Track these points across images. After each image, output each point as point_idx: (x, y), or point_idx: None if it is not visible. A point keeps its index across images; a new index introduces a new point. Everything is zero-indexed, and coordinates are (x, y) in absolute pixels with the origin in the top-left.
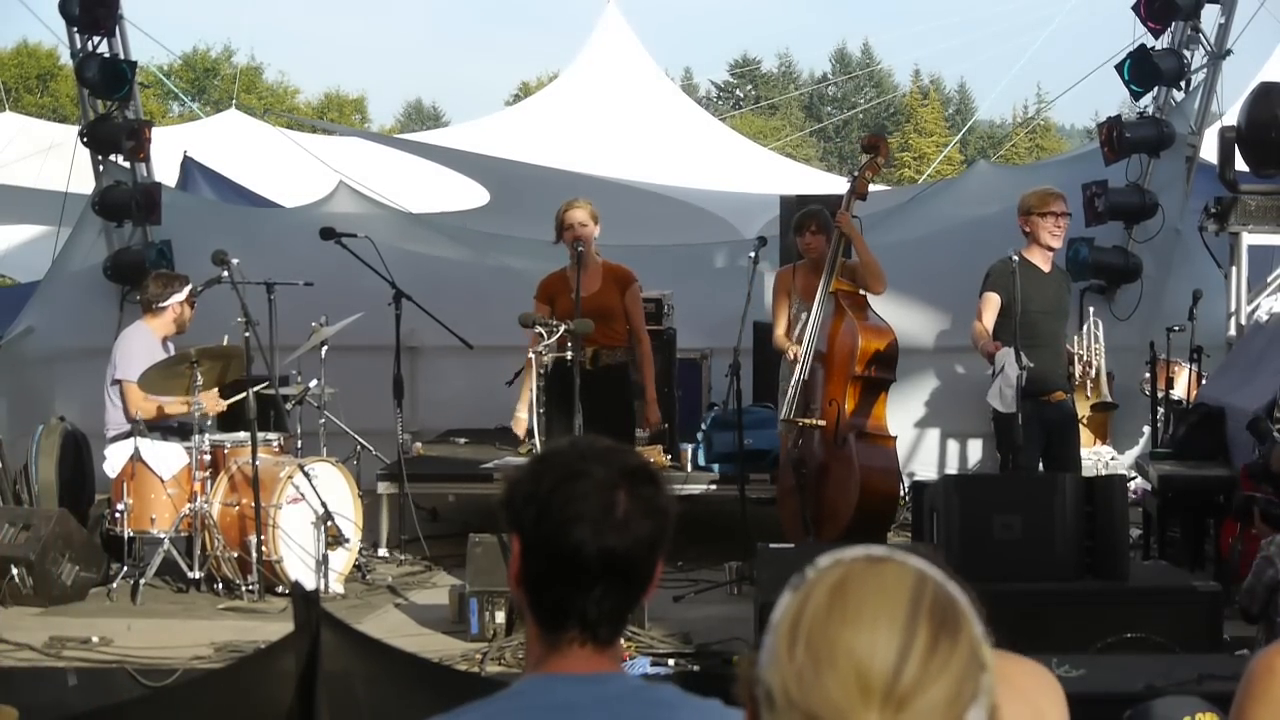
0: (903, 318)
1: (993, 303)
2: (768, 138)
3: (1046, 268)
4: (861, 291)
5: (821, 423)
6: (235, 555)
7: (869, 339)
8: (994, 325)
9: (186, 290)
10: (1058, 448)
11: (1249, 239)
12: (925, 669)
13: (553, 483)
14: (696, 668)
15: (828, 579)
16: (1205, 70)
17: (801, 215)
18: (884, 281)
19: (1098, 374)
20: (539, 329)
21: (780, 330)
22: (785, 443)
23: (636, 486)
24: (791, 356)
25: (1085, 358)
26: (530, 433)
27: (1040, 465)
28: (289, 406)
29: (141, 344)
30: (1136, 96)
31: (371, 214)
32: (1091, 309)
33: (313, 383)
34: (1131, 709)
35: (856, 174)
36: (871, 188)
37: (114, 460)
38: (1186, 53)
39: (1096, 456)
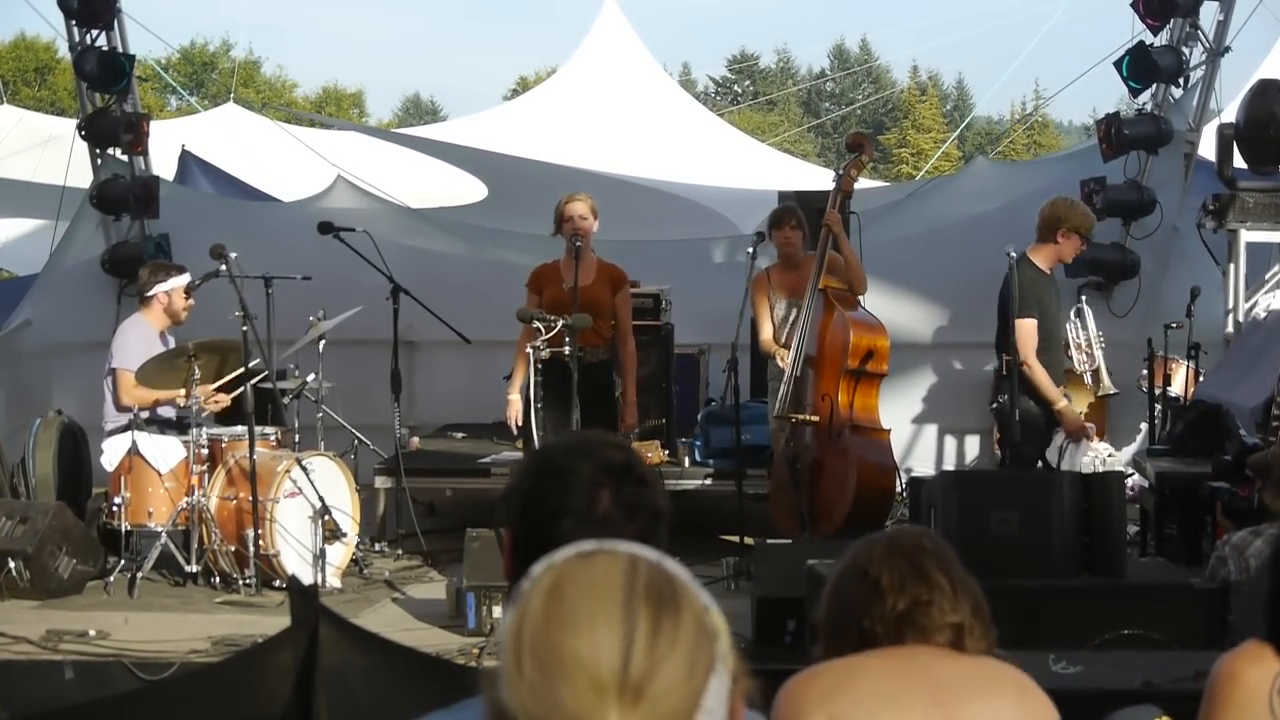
0: (900, 314)
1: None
2: (766, 133)
3: (1049, 270)
4: (850, 289)
5: (815, 418)
6: (232, 549)
7: (860, 334)
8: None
9: (174, 280)
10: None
11: (1247, 236)
12: (652, 654)
13: (537, 478)
14: None
15: (541, 586)
16: (1204, 67)
17: (780, 210)
18: (866, 283)
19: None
20: (536, 324)
21: (765, 334)
22: (778, 440)
23: (622, 485)
24: (780, 362)
25: (1085, 348)
26: (524, 428)
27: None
28: (286, 401)
29: (139, 335)
30: (1135, 93)
31: (369, 209)
32: (1084, 297)
33: (310, 377)
34: None
35: (841, 173)
36: (870, 184)
37: (111, 454)
38: (1185, 49)
39: (1094, 453)
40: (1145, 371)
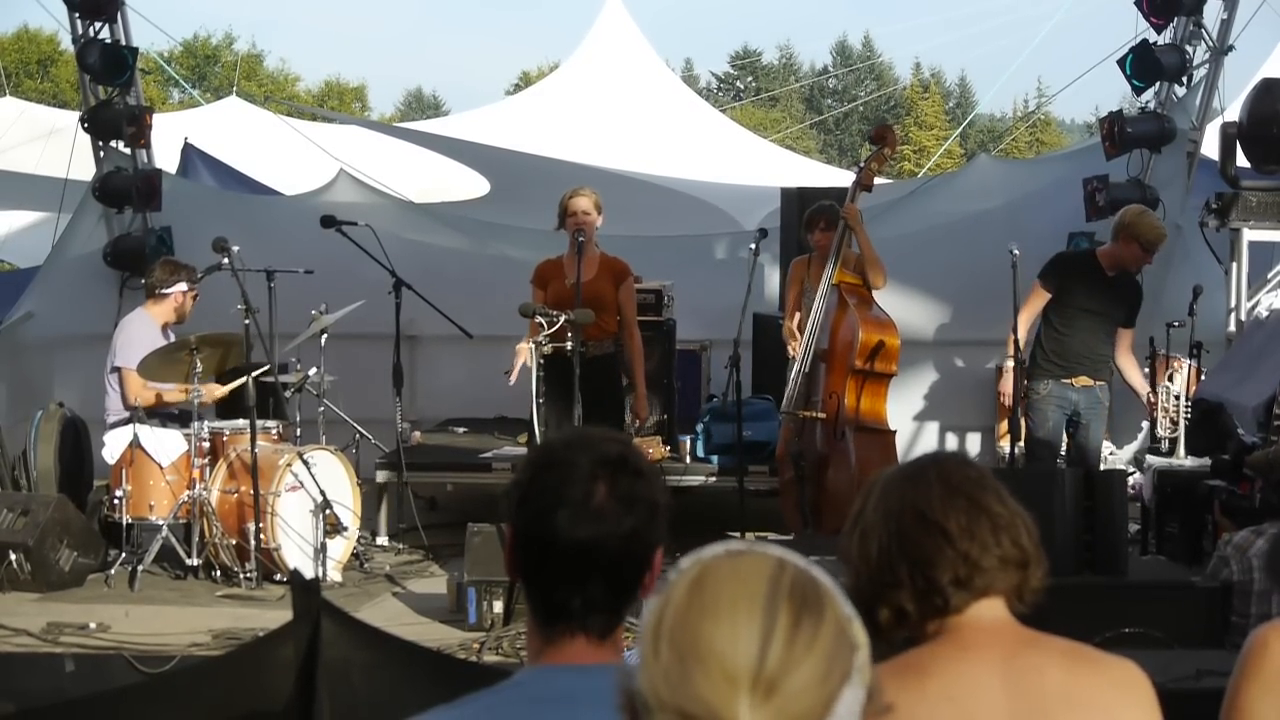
0: (903, 311)
1: (1037, 294)
2: (768, 129)
3: (1113, 273)
4: (865, 285)
5: (821, 415)
6: (233, 543)
7: (870, 332)
8: (1034, 316)
9: (188, 282)
10: (1080, 430)
11: (1249, 235)
12: (790, 652)
13: (536, 471)
14: None
15: (686, 577)
16: (1207, 66)
17: (812, 211)
18: (884, 275)
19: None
20: (539, 318)
21: (788, 320)
22: (788, 434)
23: (618, 478)
24: (790, 351)
25: (1171, 414)
26: (528, 424)
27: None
28: (288, 394)
29: (142, 331)
30: (1138, 91)
31: (372, 203)
32: (1190, 361)
33: (312, 371)
34: None
35: (863, 166)
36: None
37: (113, 446)
38: (1188, 48)
39: None
40: (1147, 370)
